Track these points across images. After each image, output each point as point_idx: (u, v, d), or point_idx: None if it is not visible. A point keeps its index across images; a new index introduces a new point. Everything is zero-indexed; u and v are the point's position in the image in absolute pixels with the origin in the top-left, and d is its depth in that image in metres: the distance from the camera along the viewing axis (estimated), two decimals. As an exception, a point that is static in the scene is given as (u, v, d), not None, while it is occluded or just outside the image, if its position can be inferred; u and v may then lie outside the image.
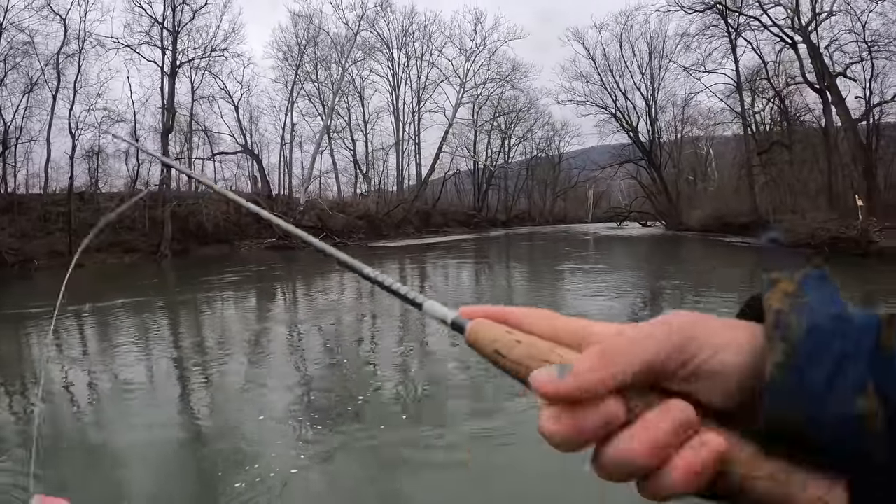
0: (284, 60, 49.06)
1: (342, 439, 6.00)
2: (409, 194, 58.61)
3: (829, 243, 24.52)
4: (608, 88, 54.37)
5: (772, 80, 37.92)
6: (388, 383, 8.09)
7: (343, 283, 20.02)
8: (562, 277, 20.61)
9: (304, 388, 7.90)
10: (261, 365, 9.19)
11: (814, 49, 32.14)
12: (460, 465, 5.37)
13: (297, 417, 6.63)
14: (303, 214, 41.07)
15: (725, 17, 38.93)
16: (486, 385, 7.50)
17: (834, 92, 31.35)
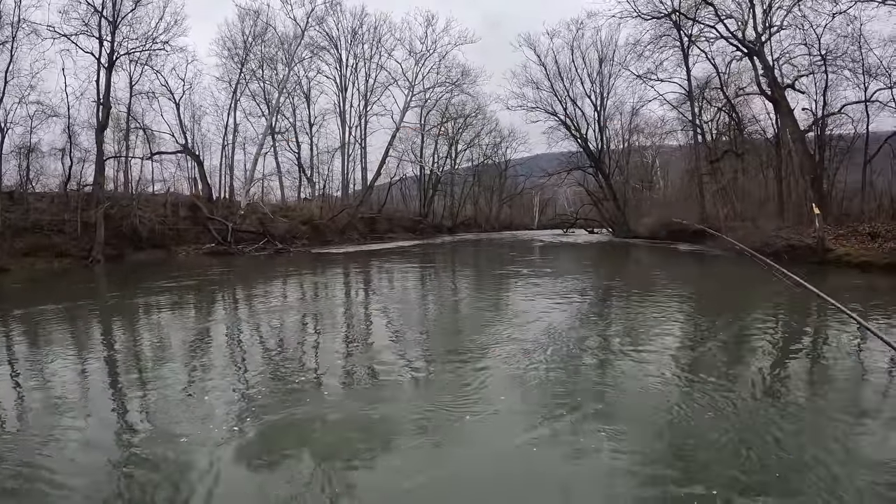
0: (230, 58, 47.47)
1: (290, 442, 5.82)
2: (355, 199, 57.07)
3: (785, 251, 24.52)
4: (558, 95, 54.33)
5: (724, 89, 38.24)
6: (333, 383, 7.84)
7: (286, 287, 19.13)
8: (508, 282, 20.26)
9: (248, 392, 7.41)
10: (202, 371, 8.52)
11: (765, 61, 32.73)
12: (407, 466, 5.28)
13: (240, 422, 6.30)
14: (244, 219, 39.35)
15: (679, 26, 39.24)
16: (433, 385, 7.64)
17: (783, 103, 31.85)
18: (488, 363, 8.52)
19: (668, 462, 5.22)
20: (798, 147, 31.41)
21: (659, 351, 9.21)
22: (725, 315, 13.08)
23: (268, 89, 50.60)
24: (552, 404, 6.71)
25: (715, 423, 6.02)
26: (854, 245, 22.62)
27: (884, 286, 17.33)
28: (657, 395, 6.99)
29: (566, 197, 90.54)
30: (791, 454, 5.28)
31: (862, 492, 4.53)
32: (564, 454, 5.42)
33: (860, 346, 9.52)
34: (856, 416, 6.22)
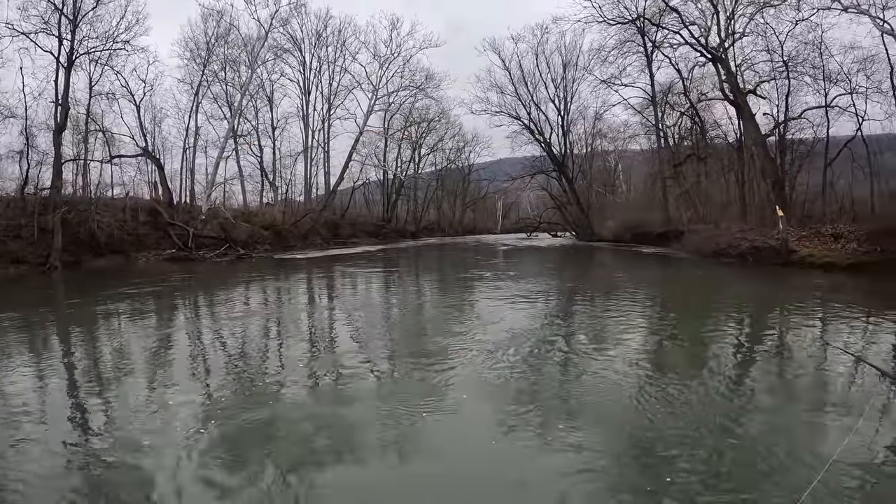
0: (192, 60, 46.32)
1: (253, 444, 5.73)
2: (318, 204, 56.49)
3: (750, 252, 24.94)
4: (522, 100, 54.64)
5: (688, 94, 38.65)
6: (296, 386, 7.71)
7: (248, 293, 18.80)
8: (472, 285, 20.21)
9: (211, 397, 7.31)
10: (164, 378, 8.28)
11: (727, 67, 33.15)
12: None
13: (203, 426, 6.18)
14: (204, 224, 38.38)
15: (643, 32, 39.74)
16: (397, 387, 7.60)
17: (746, 108, 32.38)
18: (452, 364, 8.48)
19: (628, 457, 5.26)
20: (760, 151, 31.94)
21: (622, 351, 9.21)
22: (688, 316, 13.33)
23: (230, 92, 49.77)
24: (515, 403, 6.69)
25: (674, 419, 6.09)
26: (817, 246, 22.97)
27: (848, 286, 17.65)
28: (619, 394, 7.01)
29: (529, 201, 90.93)
30: (743, 448, 5.40)
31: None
32: (526, 451, 5.44)
33: (821, 347, 9.58)
34: (813, 414, 6.31)
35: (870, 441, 5.34)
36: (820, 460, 4.85)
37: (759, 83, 33.99)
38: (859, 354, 6.30)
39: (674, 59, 38.73)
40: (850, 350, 8.03)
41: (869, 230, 21.81)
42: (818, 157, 32.23)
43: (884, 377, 5.35)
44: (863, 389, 6.92)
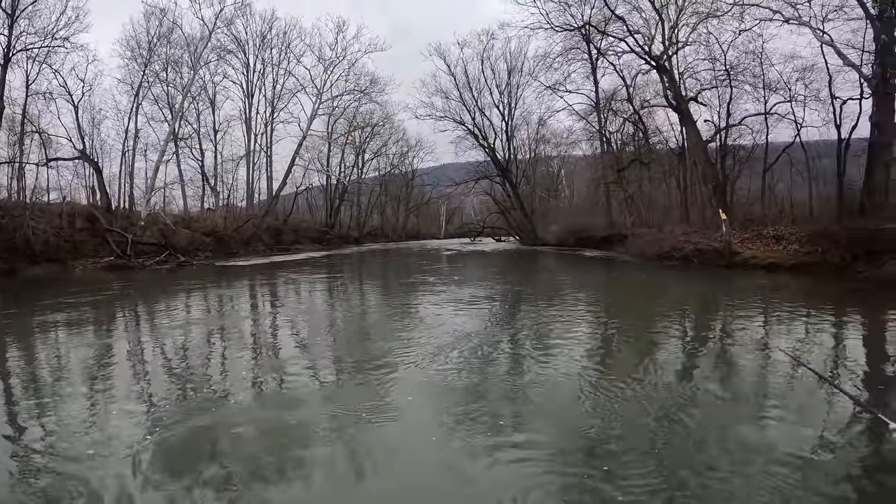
0: (133, 59, 44.73)
1: (195, 453, 5.57)
2: (260, 209, 55.34)
3: (694, 255, 25.40)
4: (467, 105, 54.85)
5: (632, 101, 39.23)
6: (239, 394, 7.42)
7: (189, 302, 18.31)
8: (416, 290, 19.97)
9: (154, 407, 6.96)
10: (104, 389, 7.89)
11: (670, 75, 33.99)
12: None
13: (146, 436, 5.92)
14: (144, 230, 36.78)
15: (589, 40, 40.39)
16: (341, 391, 7.51)
17: (688, 115, 33.19)
18: (396, 367, 8.42)
19: (573, 453, 5.29)
20: (701, 156, 32.71)
21: (566, 352, 9.20)
22: (632, 317, 13.42)
23: (171, 93, 48.22)
24: (459, 404, 6.66)
25: (616, 416, 6.17)
26: (760, 248, 23.52)
27: (791, 286, 18.01)
28: (562, 393, 7.06)
29: (473, 206, 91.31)
30: (677, 441, 5.53)
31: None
32: (472, 451, 5.39)
33: (761, 347, 9.66)
34: (756, 409, 6.41)
35: (798, 436, 5.46)
36: (750, 452, 5.07)
37: (701, 91, 34.82)
38: (798, 357, 6.38)
39: (618, 67, 39.49)
40: (791, 352, 8.07)
41: (810, 232, 22.31)
42: (758, 163, 33.14)
43: (822, 380, 5.39)
44: (795, 387, 7.00)
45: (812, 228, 22.65)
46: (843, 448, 5.16)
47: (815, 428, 5.64)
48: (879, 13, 23.78)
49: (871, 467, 4.84)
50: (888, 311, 13.03)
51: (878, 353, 8.91)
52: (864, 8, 24.30)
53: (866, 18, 24.53)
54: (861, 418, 5.70)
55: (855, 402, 4.83)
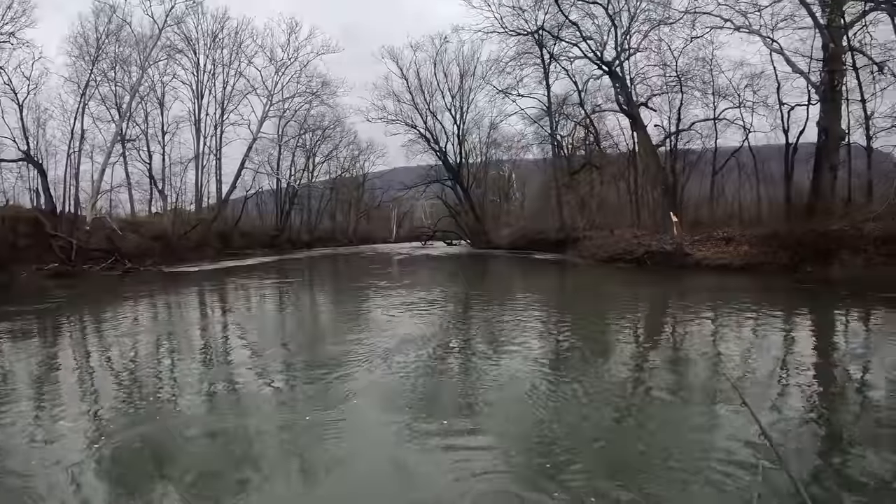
0: (80, 57, 42.47)
1: (143, 460, 5.49)
2: (209, 213, 53.89)
3: (647, 257, 25.59)
4: (419, 109, 54.60)
5: (584, 105, 39.58)
6: (189, 400, 7.32)
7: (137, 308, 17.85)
8: (367, 294, 19.79)
9: (101, 419, 6.72)
10: (51, 398, 7.66)
11: (622, 80, 34.36)
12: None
13: (93, 444, 5.80)
14: (90, 235, 35.67)
15: (542, 44, 40.58)
16: (292, 395, 7.42)
17: (639, 119, 33.61)
18: (347, 371, 8.37)
19: (525, 450, 5.36)
20: (651, 160, 33.03)
21: (516, 354, 9.22)
22: (583, 318, 13.41)
23: (119, 93, 46.10)
24: (411, 406, 6.70)
25: (565, 413, 6.31)
26: (711, 249, 23.85)
27: (742, 286, 18.15)
28: (512, 393, 7.09)
29: (424, 210, 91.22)
30: (620, 436, 5.74)
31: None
32: (425, 453, 5.41)
33: (714, 343, 9.98)
34: (706, 405, 6.57)
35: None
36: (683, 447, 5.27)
37: (651, 96, 35.53)
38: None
39: (571, 72, 39.79)
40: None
41: (759, 234, 22.68)
42: (707, 166, 33.70)
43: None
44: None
45: (761, 230, 23.05)
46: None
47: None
48: (828, 22, 24.28)
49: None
50: (833, 310, 13.53)
51: (804, 356, 8.91)
52: (813, 17, 24.92)
53: (815, 27, 25.14)
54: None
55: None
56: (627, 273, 24.11)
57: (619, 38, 34.41)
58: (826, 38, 24.48)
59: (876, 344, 9.71)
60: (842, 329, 11.65)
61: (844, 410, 6.31)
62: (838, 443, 5.35)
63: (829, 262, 19.18)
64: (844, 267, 18.81)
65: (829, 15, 24.44)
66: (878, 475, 4.70)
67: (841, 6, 23.98)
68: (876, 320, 12.32)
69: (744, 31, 27.43)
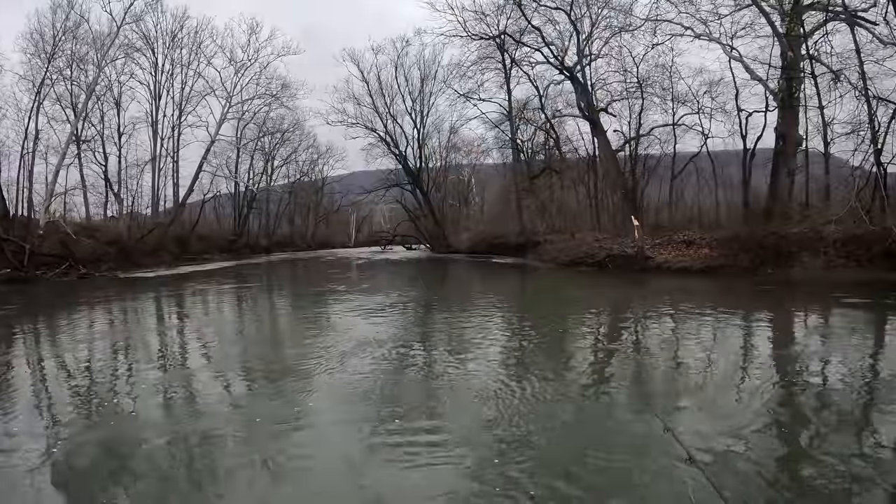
0: (36, 55, 41.19)
1: (100, 465, 5.39)
2: (166, 217, 52.73)
3: (608, 260, 25.75)
4: (379, 112, 54.19)
5: (544, 110, 39.69)
6: (146, 406, 7.15)
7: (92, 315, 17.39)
8: (327, 299, 19.66)
9: (57, 426, 6.55)
10: (4, 409, 7.36)
11: (582, 86, 34.65)
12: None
13: (49, 450, 5.70)
14: (43, 240, 34.63)
15: (503, 49, 40.41)
16: (251, 399, 7.33)
17: (599, 124, 33.97)
18: (307, 375, 8.32)
19: (484, 448, 5.41)
20: (611, 164, 33.22)
21: (477, 356, 9.28)
22: (542, 322, 13.30)
23: (75, 92, 44.54)
24: (371, 409, 6.65)
25: (524, 415, 6.31)
26: (672, 252, 24.01)
27: (703, 288, 18.39)
28: (472, 393, 7.15)
29: (383, 214, 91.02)
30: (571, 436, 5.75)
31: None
32: (384, 458, 5.34)
33: (673, 341, 10.17)
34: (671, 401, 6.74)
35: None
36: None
37: (611, 102, 35.71)
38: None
39: (532, 76, 39.80)
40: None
41: (720, 237, 22.87)
42: (665, 171, 34.11)
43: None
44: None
45: (722, 233, 23.22)
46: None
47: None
48: (786, 31, 24.66)
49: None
50: (791, 309, 13.89)
51: (756, 359, 8.96)
52: (772, 26, 25.32)
53: (773, 36, 25.49)
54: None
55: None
56: (589, 276, 24.10)
57: (581, 43, 34.63)
58: (784, 47, 24.86)
59: (834, 346, 9.68)
60: (801, 331, 11.71)
61: (786, 417, 6.21)
62: (770, 455, 5.22)
63: (789, 265, 19.41)
64: (804, 269, 19.05)
65: (787, 24, 24.80)
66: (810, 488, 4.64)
67: (800, 16, 24.35)
68: (836, 320, 12.42)
69: (704, 38, 27.85)
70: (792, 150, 25.39)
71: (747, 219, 25.75)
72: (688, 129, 33.13)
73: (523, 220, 41.44)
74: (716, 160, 32.13)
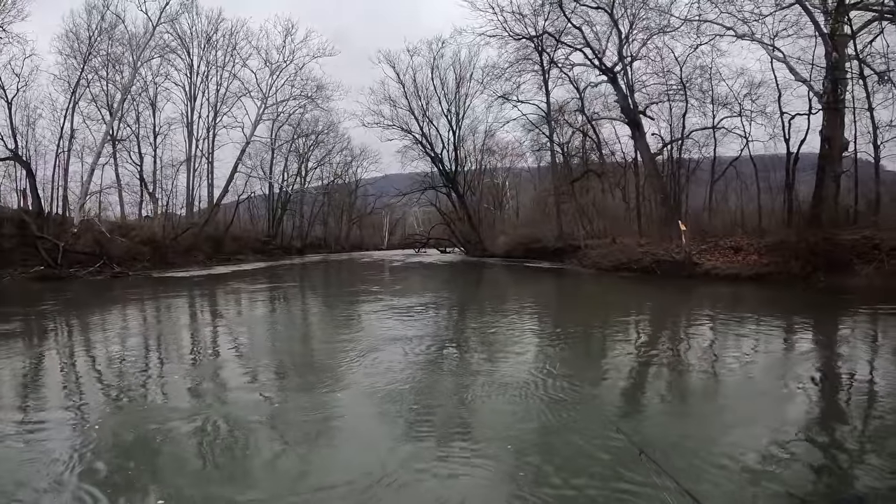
0: (72, 55, 41.90)
1: (137, 459, 5.33)
2: (200, 218, 53.37)
3: (654, 266, 25.52)
4: (415, 114, 54.07)
5: (585, 112, 39.47)
6: (179, 404, 7.13)
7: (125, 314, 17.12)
8: (364, 299, 19.79)
9: (90, 420, 6.50)
10: (36, 402, 7.47)
11: (622, 87, 34.41)
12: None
13: (81, 449, 5.58)
14: (77, 238, 34.52)
15: (542, 50, 40.30)
16: (284, 401, 7.20)
17: (641, 127, 33.75)
18: (340, 376, 8.30)
19: (519, 455, 5.24)
20: (652, 168, 33.18)
21: (516, 363, 8.97)
22: (584, 327, 13.11)
23: (111, 92, 45.44)
24: (406, 412, 6.56)
25: (567, 428, 5.96)
26: (720, 259, 23.68)
27: (757, 295, 17.98)
28: (506, 403, 6.86)
29: (416, 217, 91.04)
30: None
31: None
32: (415, 458, 5.23)
33: (714, 355, 9.64)
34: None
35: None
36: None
37: (649, 104, 35.28)
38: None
39: (573, 77, 39.53)
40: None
41: (769, 243, 22.65)
42: (702, 174, 34.42)
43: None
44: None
45: (771, 240, 22.93)
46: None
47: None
48: (831, 31, 23.84)
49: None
50: (860, 321, 13.04)
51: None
52: (816, 25, 24.76)
53: (817, 35, 25.01)
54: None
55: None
56: (635, 282, 23.89)
57: (620, 44, 34.30)
58: (829, 47, 24.10)
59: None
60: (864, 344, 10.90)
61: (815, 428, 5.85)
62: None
63: (842, 273, 18.65)
64: (858, 276, 18.31)
65: (832, 24, 23.96)
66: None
67: (845, 15, 23.53)
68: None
69: (746, 39, 27.17)
70: (837, 154, 24.76)
71: (793, 225, 25.01)
72: (727, 132, 32.66)
73: (562, 224, 40.89)
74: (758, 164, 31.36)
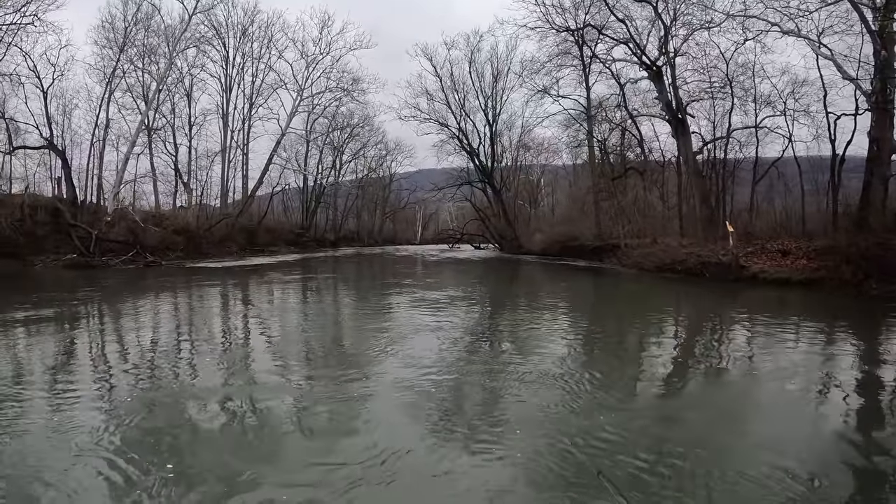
0: (108, 46, 42.37)
1: (161, 450, 5.38)
2: (234, 209, 54.04)
3: (703, 268, 24.92)
4: (452, 108, 53.93)
5: (627, 108, 38.77)
6: (210, 395, 7.12)
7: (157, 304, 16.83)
8: (398, 296, 19.42)
9: (122, 411, 6.50)
10: (65, 388, 7.52)
11: (665, 84, 33.95)
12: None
13: (105, 434, 5.73)
14: (110, 226, 35.05)
15: (582, 44, 40.08)
16: (315, 394, 7.21)
17: (685, 124, 33.23)
18: (372, 370, 8.39)
19: (558, 453, 5.24)
20: (694, 168, 32.88)
21: (549, 361, 8.85)
22: (622, 328, 13.14)
23: (146, 82, 46.12)
24: (439, 408, 6.56)
25: (604, 430, 5.88)
26: (767, 262, 23.08)
27: (814, 303, 17.67)
28: (544, 395, 6.97)
29: (449, 212, 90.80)
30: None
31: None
32: (453, 456, 5.23)
33: (750, 356, 9.68)
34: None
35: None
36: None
37: (691, 101, 34.96)
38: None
39: (615, 72, 39.08)
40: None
41: (818, 247, 22.15)
42: (744, 174, 34.24)
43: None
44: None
45: (821, 243, 22.39)
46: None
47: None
48: (880, 28, 22.96)
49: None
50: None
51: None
52: (864, 22, 24.06)
53: (865, 33, 24.41)
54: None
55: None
56: (681, 284, 23.60)
57: (663, 39, 33.74)
58: (877, 45, 23.30)
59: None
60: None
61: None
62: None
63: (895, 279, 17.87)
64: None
65: (881, 20, 23.02)
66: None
67: (895, 11, 22.67)
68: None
69: (792, 35, 26.31)
70: (886, 156, 24.16)
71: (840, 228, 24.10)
72: (769, 131, 32.37)
73: (600, 223, 40.21)
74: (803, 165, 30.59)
